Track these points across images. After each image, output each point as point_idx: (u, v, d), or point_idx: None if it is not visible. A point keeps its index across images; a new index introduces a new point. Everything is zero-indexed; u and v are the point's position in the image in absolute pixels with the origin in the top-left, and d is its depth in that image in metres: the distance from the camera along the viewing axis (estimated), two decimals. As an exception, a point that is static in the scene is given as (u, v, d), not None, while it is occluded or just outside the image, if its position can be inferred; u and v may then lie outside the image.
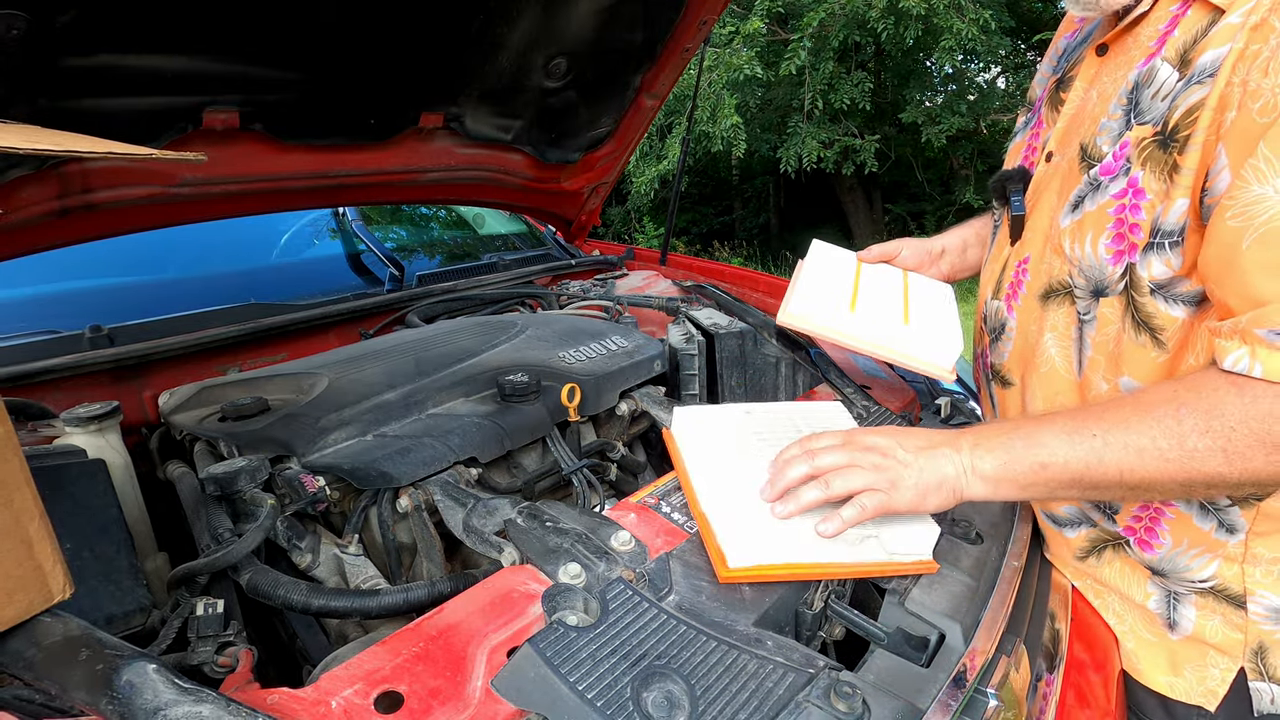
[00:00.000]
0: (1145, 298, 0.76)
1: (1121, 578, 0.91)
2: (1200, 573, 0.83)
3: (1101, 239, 0.79)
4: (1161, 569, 0.86)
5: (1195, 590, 0.85)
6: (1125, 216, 0.76)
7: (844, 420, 1.04)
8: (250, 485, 0.95)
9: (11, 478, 0.57)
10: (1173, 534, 0.84)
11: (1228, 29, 0.66)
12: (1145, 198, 0.73)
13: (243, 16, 1.09)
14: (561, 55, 1.51)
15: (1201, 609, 0.85)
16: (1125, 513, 0.87)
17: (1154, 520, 0.85)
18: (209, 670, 0.75)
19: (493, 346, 1.36)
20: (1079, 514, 0.93)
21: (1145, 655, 0.90)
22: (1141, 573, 0.89)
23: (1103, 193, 0.78)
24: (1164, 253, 0.73)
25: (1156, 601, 0.88)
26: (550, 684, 0.57)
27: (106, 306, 1.53)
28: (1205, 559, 0.83)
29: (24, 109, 1.02)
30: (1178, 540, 0.84)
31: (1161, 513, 0.84)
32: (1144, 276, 0.75)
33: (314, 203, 1.73)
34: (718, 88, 6.75)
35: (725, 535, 0.78)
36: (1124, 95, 0.78)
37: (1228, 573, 0.82)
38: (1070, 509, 0.94)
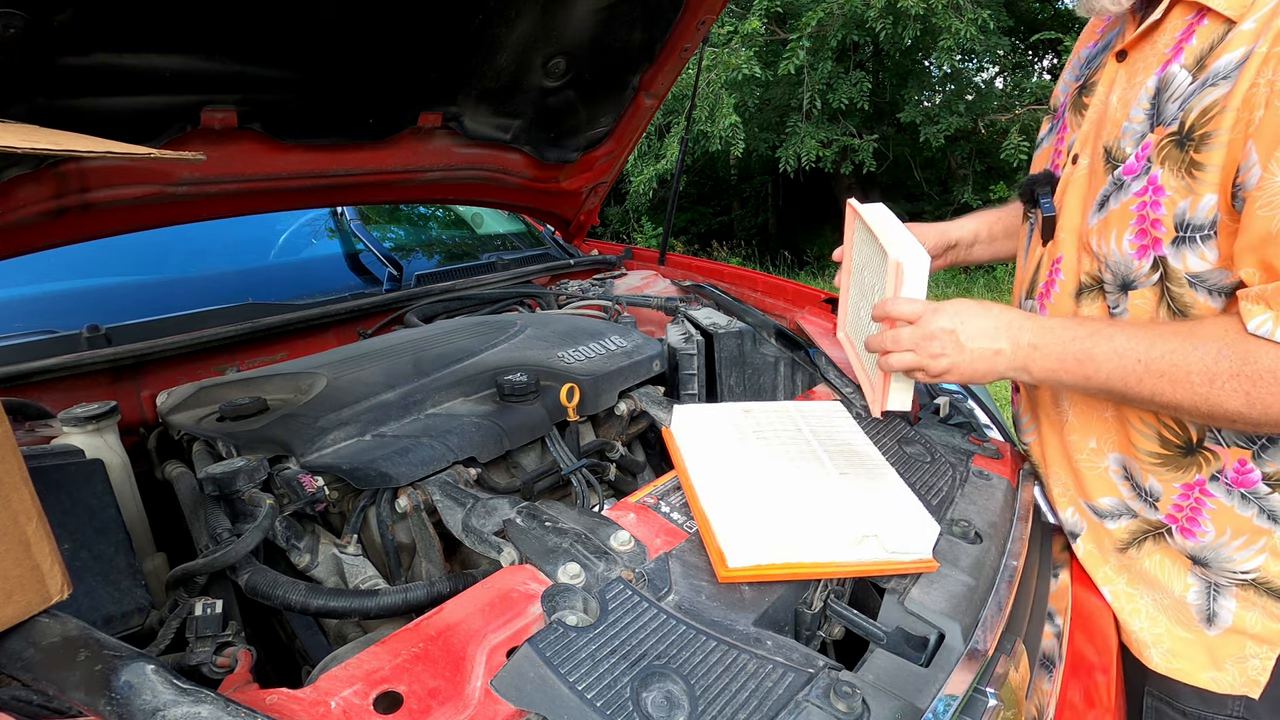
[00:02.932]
0: (1182, 289, 0.79)
1: (1161, 569, 0.92)
2: (1245, 564, 0.85)
3: (1125, 235, 0.82)
4: (1204, 558, 0.87)
5: (1237, 582, 0.86)
6: (1146, 213, 0.80)
7: (843, 419, 1.04)
8: (249, 485, 0.95)
9: (9, 478, 0.57)
10: (1215, 523, 0.85)
11: (1242, 35, 0.71)
12: (1165, 194, 0.77)
13: (241, 16, 1.08)
14: (560, 55, 1.51)
15: (1242, 600, 0.86)
16: (1166, 501, 0.89)
17: (1195, 509, 0.86)
18: (207, 671, 0.75)
19: (491, 346, 1.36)
20: (1120, 505, 0.94)
21: (1184, 653, 0.91)
22: (1182, 563, 0.90)
23: (1126, 191, 0.82)
24: (1196, 246, 0.76)
25: (1196, 594, 0.89)
26: (550, 684, 0.57)
27: (104, 306, 1.52)
28: (1251, 551, 0.84)
29: (21, 108, 1.02)
30: (1220, 529, 0.85)
31: (1203, 503, 0.86)
32: (1179, 269, 0.79)
33: (312, 202, 1.73)
34: (716, 87, 6.76)
35: (725, 535, 0.78)
36: (1145, 100, 0.82)
37: (1274, 567, 0.83)
38: (1112, 500, 0.95)
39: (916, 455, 1.05)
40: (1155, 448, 0.88)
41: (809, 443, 0.95)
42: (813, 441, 0.95)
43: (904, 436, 1.10)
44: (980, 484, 1.03)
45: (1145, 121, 0.81)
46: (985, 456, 1.13)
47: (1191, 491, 0.86)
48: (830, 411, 1.06)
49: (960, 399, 1.30)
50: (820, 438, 0.97)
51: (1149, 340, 0.76)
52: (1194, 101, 0.74)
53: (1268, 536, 0.82)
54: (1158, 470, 0.89)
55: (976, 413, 1.28)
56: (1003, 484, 1.04)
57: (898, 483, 0.87)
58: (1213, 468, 0.84)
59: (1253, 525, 0.83)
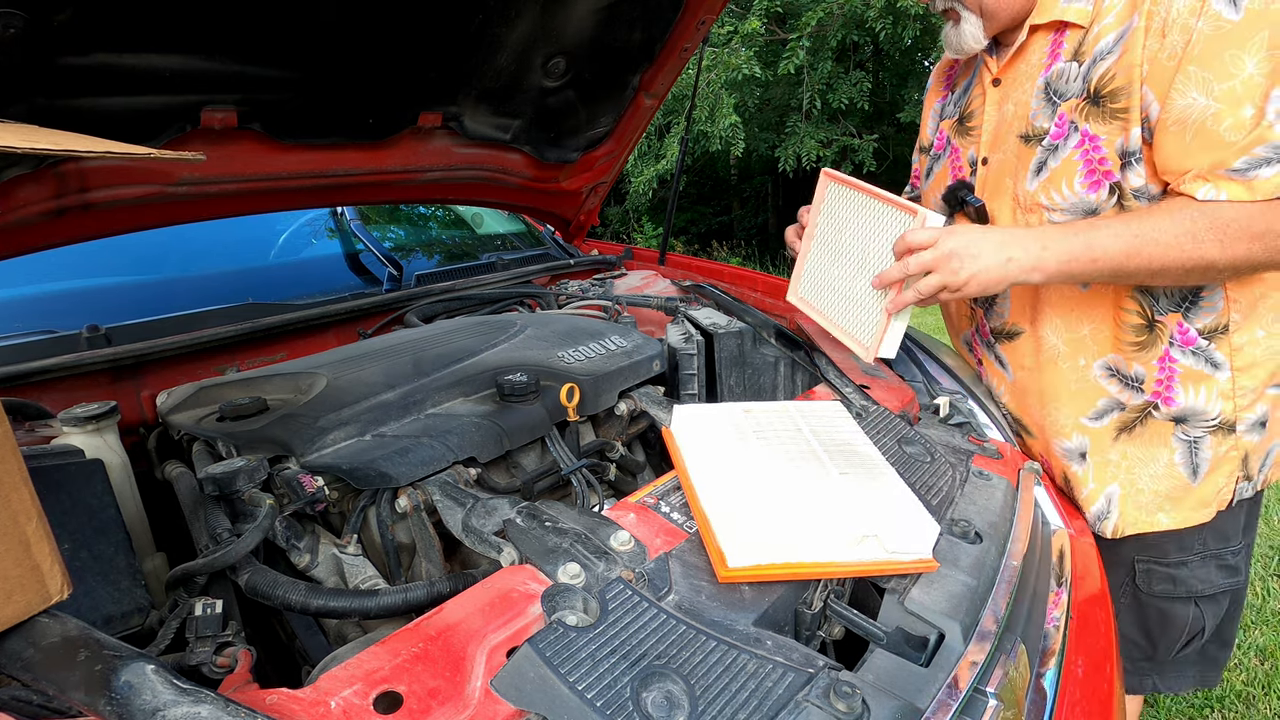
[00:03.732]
0: (1131, 203, 1.02)
1: (1151, 441, 1.14)
2: (1210, 411, 1.09)
3: (1076, 179, 1.05)
4: (1184, 416, 1.10)
5: (1208, 429, 1.10)
6: (1091, 157, 1.03)
7: (843, 419, 1.04)
8: (249, 485, 0.95)
9: (9, 478, 0.57)
10: (1183, 385, 1.09)
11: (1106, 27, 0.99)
12: (1101, 139, 1.01)
13: (241, 16, 1.08)
14: (560, 55, 1.51)
15: (1214, 443, 1.10)
16: (1150, 380, 1.11)
17: (1169, 378, 1.09)
18: (207, 671, 0.75)
19: (491, 346, 1.36)
20: (1111, 402, 1.15)
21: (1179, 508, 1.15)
22: (1166, 428, 1.12)
23: (1064, 149, 1.05)
24: (1136, 167, 1.00)
25: (1181, 454, 1.12)
26: (550, 684, 0.57)
27: (104, 306, 1.53)
28: (1210, 397, 1.08)
29: (21, 108, 1.02)
30: (1187, 389, 1.09)
31: (1173, 371, 1.08)
32: (1129, 187, 1.01)
33: (312, 202, 1.73)
34: (716, 87, 6.76)
35: (725, 535, 0.78)
36: (1039, 95, 1.08)
37: (1226, 407, 1.08)
38: (1105, 400, 1.16)
39: (916, 455, 1.05)
40: (1130, 335, 1.11)
41: (809, 443, 0.95)
42: (813, 441, 0.95)
43: (904, 436, 1.10)
44: (980, 484, 1.03)
45: (1048, 105, 1.07)
46: (985, 456, 1.13)
47: (1164, 364, 1.09)
48: (830, 411, 1.06)
49: (960, 399, 1.30)
50: (820, 438, 0.97)
51: (1136, 221, 0.95)
52: (1092, 74, 1.00)
53: (1215, 382, 1.07)
54: (1138, 355, 1.10)
55: (976, 413, 1.29)
56: (1003, 484, 1.04)
57: (898, 483, 0.87)
58: (1167, 335, 1.07)
59: (1205, 375, 1.07)
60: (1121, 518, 1.18)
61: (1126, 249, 0.94)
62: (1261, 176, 0.87)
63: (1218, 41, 0.88)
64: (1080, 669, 0.90)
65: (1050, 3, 1.06)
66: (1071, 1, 1.04)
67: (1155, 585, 1.23)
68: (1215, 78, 0.89)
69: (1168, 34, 0.92)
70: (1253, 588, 2.44)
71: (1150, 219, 0.94)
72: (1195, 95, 0.91)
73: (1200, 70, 0.90)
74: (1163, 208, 0.95)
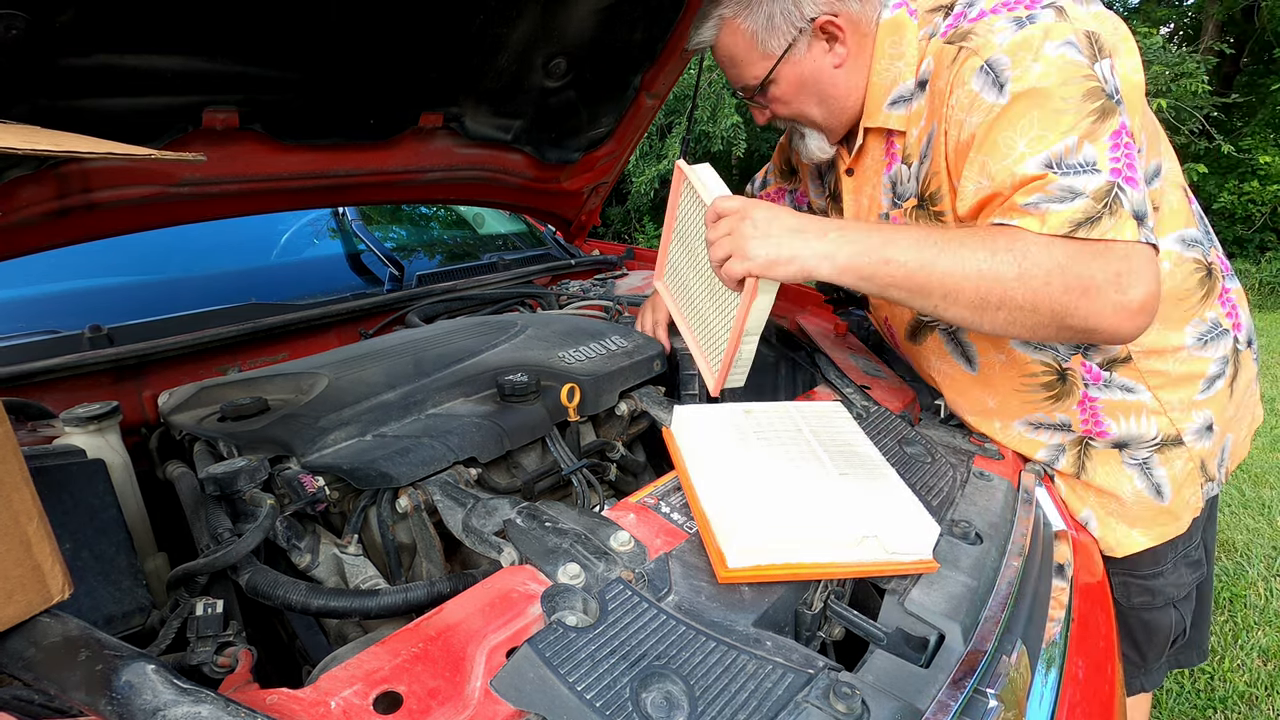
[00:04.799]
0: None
1: (1108, 472, 1.15)
2: (1148, 433, 1.10)
3: None
4: (1124, 441, 1.12)
5: (1152, 449, 1.12)
6: None
7: (844, 420, 1.04)
8: (250, 485, 0.95)
9: (10, 478, 0.57)
10: (1110, 415, 1.11)
11: (922, 129, 1.03)
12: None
13: (242, 16, 1.08)
14: (561, 55, 1.51)
15: (1165, 462, 1.12)
16: (1075, 422, 1.13)
17: (1094, 414, 1.11)
18: (208, 670, 0.75)
19: (492, 346, 1.36)
20: (1053, 448, 1.18)
21: (1156, 525, 1.17)
22: (1114, 457, 1.14)
23: None
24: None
25: (1139, 478, 1.14)
26: (549, 684, 0.57)
27: (106, 306, 1.53)
28: (1140, 421, 1.10)
29: (23, 109, 1.02)
30: (1115, 418, 1.11)
31: (1095, 407, 1.11)
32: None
33: (314, 203, 1.73)
34: (718, 87, 6.76)
35: (725, 535, 0.78)
36: (886, 191, 1.13)
37: (1162, 423, 1.10)
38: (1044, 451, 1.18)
39: (916, 455, 1.05)
40: (1041, 395, 1.13)
41: (809, 443, 0.95)
42: (813, 442, 0.95)
43: (904, 437, 1.10)
44: (980, 484, 1.03)
45: (891, 203, 1.12)
46: (986, 457, 1.13)
47: (1084, 405, 1.11)
48: (830, 412, 1.06)
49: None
50: (820, 438, 0.97)
51: (941, 232, 0.92)
52: (919, 177, 1.05)
53: (1141, 405, 1.09)
54: (1058, 405, 1.13)
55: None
56: (1003, 484, 1.04)
57: (898, 483, 0.87)
58: (1080, 378, 1.09)
59: (1125, 404, 1.09)
60: (1102, 540, 1.20)
61: (921, 259, 0.89)
62: (1052, 210, 0.85)
63: (992, 129, 0.89)
64: (1080, 670, 0.90)
65: (875, 108, 1.07)
66: (893, 108, 1.06)
67: (1134, 598, 1.24)
68: (992, 160, 0.90)
69: (957, 133, 0.95)
70: (1254, 588, 2.44)
71: (955, 233, 0.91)
72: (979, 179, 0.92)
73: (980, 158, 0.92)
74: (972, 228, 0.93)
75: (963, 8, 0.97)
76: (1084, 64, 0.86)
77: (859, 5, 1.04)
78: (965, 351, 1.18)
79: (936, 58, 0.97)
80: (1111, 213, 0.83)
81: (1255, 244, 8.17)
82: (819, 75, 1.08)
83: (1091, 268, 0.83)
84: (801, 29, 1.04)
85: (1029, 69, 0.86)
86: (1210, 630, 1.40)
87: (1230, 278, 1.14)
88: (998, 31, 0.90)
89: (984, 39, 0.91)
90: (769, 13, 1.03)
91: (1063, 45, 0.87)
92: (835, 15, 1.03)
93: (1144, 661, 1.31)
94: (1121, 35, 0.94)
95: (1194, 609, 1.29)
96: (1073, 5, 0.92)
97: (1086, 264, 0.83)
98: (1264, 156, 7.73)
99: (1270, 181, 7.75)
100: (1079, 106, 0.85)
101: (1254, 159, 7.82)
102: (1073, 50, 0.87)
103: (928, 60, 0.99)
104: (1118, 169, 0.84)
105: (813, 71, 1.07)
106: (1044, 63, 0.86)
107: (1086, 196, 0.83)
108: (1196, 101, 7.02)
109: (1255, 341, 1.18)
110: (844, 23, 1.03)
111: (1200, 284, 1.07)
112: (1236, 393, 1.14)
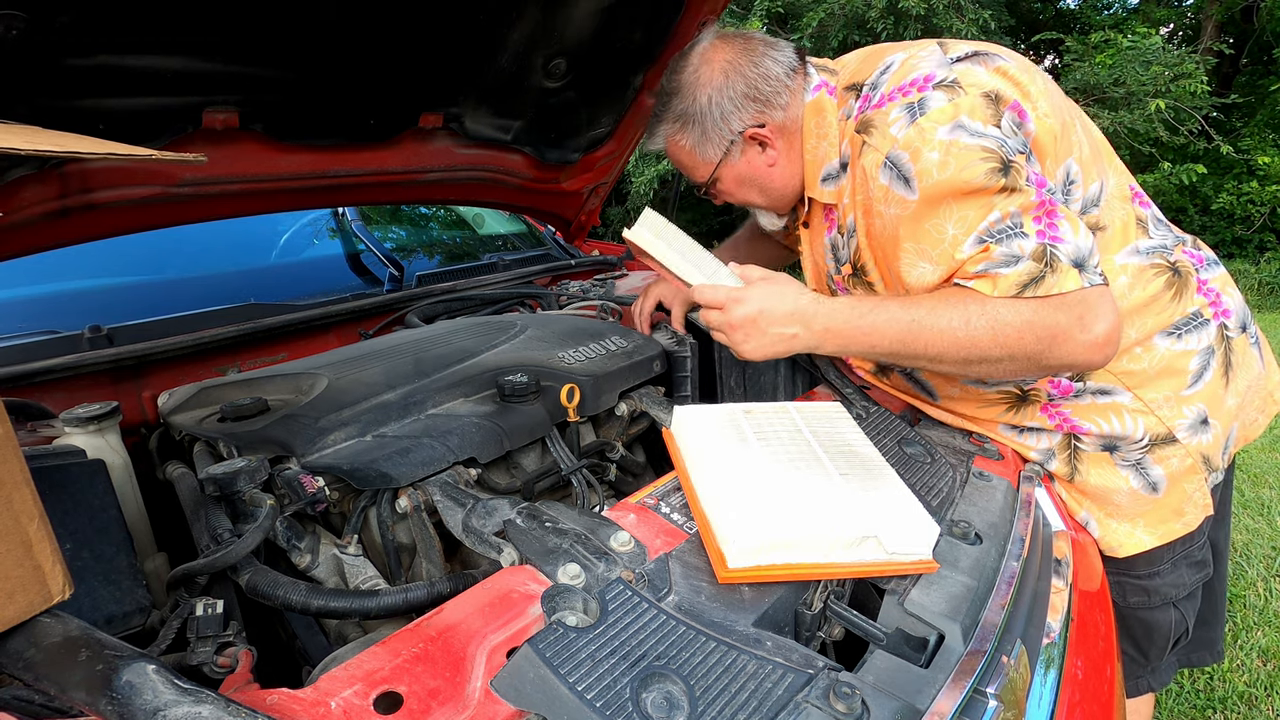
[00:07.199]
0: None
1: (1101, 473, 1.15)
2: (1135, 433, 1.10)
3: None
4: (1111, 445, 1.13)
5: (1143, 450, 1.11)
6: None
7: (844, 420, 1.04)
8: (249, 486, 0.95)
9: (11, 478, 0.57)
10: (1085, 419, 1.12)
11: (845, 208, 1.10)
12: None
13: (242, 16, 1.09)
14: (561, 55, 1.51)
15: (1158, 461, 1.11)
16: (1045, 425, 1.15)
17: (1062, 418, 1.13)
18: (208, 671, 0.75)
19: (492, 347, 1.36)
20: (1045, 451, 1.18)
21: (1157, 528, 1.16)
22: (1105, 459, 1.14)
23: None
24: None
25: (1133, 477, 1.14)
26: (549, 684, 0.57)
27: (106, 306, 1.53)
28: (1125, 422, 1.10)
29: (24, 109, 1.02)
30: (1094, 421, 1.11)
31: (1064, 414, 1.13)
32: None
33: (314, 203, 1.73)
34: (717, 88, 6.74)
35: (725, 535, 0.78)
36: (828, 253, 1.20)
37: (1149, 422, 1.10)
38: (1036, 453, 1.19)
39: (916, 456, 1.06)
40: (1000, 409, 1.17)
41: (809, 444, 0.95)
42: (813, 442, 0.95)
43: (904, 437, 1.10)
44: (980, 485, 1.03)
45: (834, 264, 1.19)
46: (985, 457, 1.13)
47: (1049, 412, 1.14)
48: (830, 412, 1.06)
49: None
50: (820, 439, 0.97)
51: (915, 306, 0.96)
52: (853, 248, 1.12)
53: (1117, 407, 1.10)
54: (1019, 415, 1.16)
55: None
56: (1003, 485, 1.04)
57: (898, 484, 0.87)
58: (1043, 395, 1.12)
59: (1099, 406, 1.11)
60: (1103, 541, 1.20)
61: (902, 334, 0.95)
62: (1001, 274, 0.90)
63: (916, 221, 0.96)
64: (1080, 670, 0.90)
65: (812, 182, 1.14)
66: (824, 184, 1.13)
67: (1130, 597, 1.24)
68: (929, 247, 0.96)
69: (879, 221, 1.02)
70: (1254, 588, 2.44)
71: (928, 304, 0.95)
72: (922, 265, 0.98)
73: (915, 244, 0.97)
74: (943, 294, 0.96)
75: (868, 90, 1.03)
76: (975, 145, 0.90)
77: (782, 113, 1.11)
78: (925, 387, 1.25)
79: (851, 144, 1.04)
80: (1053, 269, 0.89)
81: (1255, 244, 8.16)
82: (755, 173, 1.17)
83: (1055, 317, 0.89)
84: (733, 140, 1.13)
85: (928, 160, 0.92)
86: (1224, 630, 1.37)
87: (1207, 268, 1.13)
88: (893, 123, 0.96)
89: (881, 133, 0.97)
90: (703, 128, 1.12)
91: (953, 129, 0.92)
92: (761, 126, 1.11)
93: (1146, 660, 1.30)
94: (1028, 81, 0.99)
95: (1201, 608, 1.28)
96: (969, 70, 0.97)
97: (1051, 315, 0.89)
98: (1263, 157, 7.73)
99: (1269, 182, 7.75)
100: (987, 182, 0.90)
101: (1253, 159, 7.82)
102: (963, 133, 0.91)
103: (845, 142, 1.06)
104: (1042, 231, 0.90)
105: (749, 172, 1.17)
106: (940, 150, 0.91)
107: (1027, 259, 0.89)
108: (1195, 102, 7.01)
109: (1251, 326, 1.16)
110: (770, 131, 1.11)
111: (1168, 285, 1.08)
112: (1235, 381, 1.12)
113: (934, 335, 0.94)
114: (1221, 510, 1.23)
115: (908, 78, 0.98)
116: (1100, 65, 6.95)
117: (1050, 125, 0.98)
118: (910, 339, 0.95)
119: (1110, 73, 6.91)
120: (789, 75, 1.10)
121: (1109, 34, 7.22)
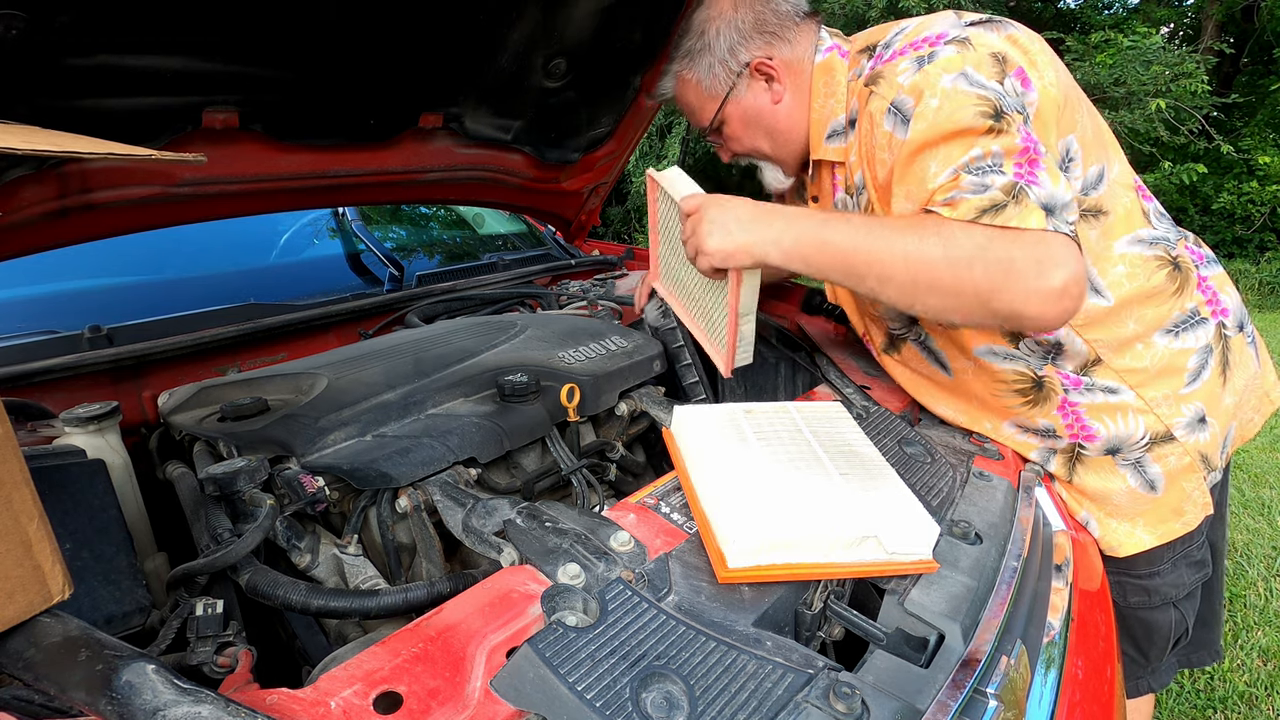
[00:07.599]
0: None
1: (1100, 476, 1.16)
2: (1136, 433, 1.11)
3: None
4: (1115, 447, 1.13)
5: (1143, 449, 1.12)
6: None
7: (844, 420, 1.04)
8: (249, 485, 0.95)
9: (10, 478, 0.57)
10: (1095, 419, 1.12)
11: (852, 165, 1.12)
12: None
13: (242, 16, 1.09)
14: (561, 55, 1.51)
15: (1158, 458, 1.12)
16: (1060, 428, 1.14)
17: (1079, 420, 1.13)
18: (208, 670, 0.75)
19: (492, 347, 1.36)
20: (1043, 450, 1.19)
21: (1156, 520, 1.17)
22: (1107, 462, 1.15)
23: None
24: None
25: (1133, 476, 1.14)
26: (549, 684, 0.57)
27: (106, 306, 1.53)
28: (1128, 422, 1.11)
29: (23, 109, 1.02)
30: (1102, 421, 1.12)
31: (1078, 412, 1.12)
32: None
33: (314, 203, 1.73)
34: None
35: (725, 535, 0.78)
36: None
37: (1149, 421, 1.10)
38: (1037, 452, 1.19)
39: (916, 456, 1.05)
40: (1017, 400, 1.15)
41: (809, 444, 0.95)
42: (813, 442, 0.95)
43: (904, 437, 1.10)
44: (980, 485, 1.03)
45: None
46: (986, 457, 1.13)
47: (1065, 410, 1.12)
48: (831, 412, 1.06)
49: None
50: (821, 439, 0.97)
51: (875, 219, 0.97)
52: (863, 204, 1.12)
53: (1125, 405, 1.10)
54: (1036, 411, 1.14)
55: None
56: (1003, 485, 1.04)
57: (898, 484, 0.87)
58: (1059, 384, 1.11)
59: (1109, 405, 1.10)
60: (1103, 540, 1.20)
61: (855, 244, 0.95)
62: (965, 199, 0.90)
63: (909, 162, 0.96)
64: (1080, 670, 0.90)
65: (817, 142, 1.16)
66: (830, 141, 1.14)
67: (1130, 597, 1.24)
68: (914, 188, 0.96)
69: (883, 171, 1.03)
70: (1254, 588, 2.44)
71: (888, 223, 0.96)
72: (905, 205, 0.99)
73: (903, 188, 0.99)
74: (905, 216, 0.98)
75: (880, 49, 1.05)
76: (972, 93, 0.91)
77: (789, 48, 1.14)
78: (938, 358, 1.22)
79: (859, 98, 1.06)
80: (1017, 203, 0.87)
81: (1255, 244, 8.16)
82: (761, 111, 1.18)
83: (1011, 251, 0.87)
84: (739, 72, 1.15)
85: (928, 105, 0.93)
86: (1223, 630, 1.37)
87: (1206, 265, 1.14)
88: (901, 73, 0.97)
89: (889, 81, 0.99)
90: (709, 63, 1.15)
91: (956, 78, 0.93)
92: (769, 58, 1.13)
93: (1146, 660, 1.30)
94: (1037, 51, 1.00)
95: (1201, 608, 1.29)
96: (981, 33, 0.98)
97: (1006, 247, 0.87)
98: (1263, 157, 7.73)
99: (1270, 181, 7.75)
100: (975, 123, 0.90)
101: (1253, 159, 7.82)
102: (964, 81, 0.93)
103: (854, 99, 1.08)
104: (1020, 174, 0.89)
105: (755, 108, 1.18)
106: (940, 96, 0.93)
107: (995, 189, 0.89)
108: (1196, 102, 7.01)
109: (1248, 325, 1.17)
110: (777, 64, 1.13)
111: (1170, 278, 1.07)
112: (1232, 380, 1.12)
113: (884, 251, 0.93)
114: (1219, 510, 1.23)
115: (920, 34, 1.00)
116: (1101, 65, 6.95)
117: (1054, 95, 0.98)
118: (862, 250, 0.94)
119: (1111, 72, 6.91)
120: (799, 16, 1.14)
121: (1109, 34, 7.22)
